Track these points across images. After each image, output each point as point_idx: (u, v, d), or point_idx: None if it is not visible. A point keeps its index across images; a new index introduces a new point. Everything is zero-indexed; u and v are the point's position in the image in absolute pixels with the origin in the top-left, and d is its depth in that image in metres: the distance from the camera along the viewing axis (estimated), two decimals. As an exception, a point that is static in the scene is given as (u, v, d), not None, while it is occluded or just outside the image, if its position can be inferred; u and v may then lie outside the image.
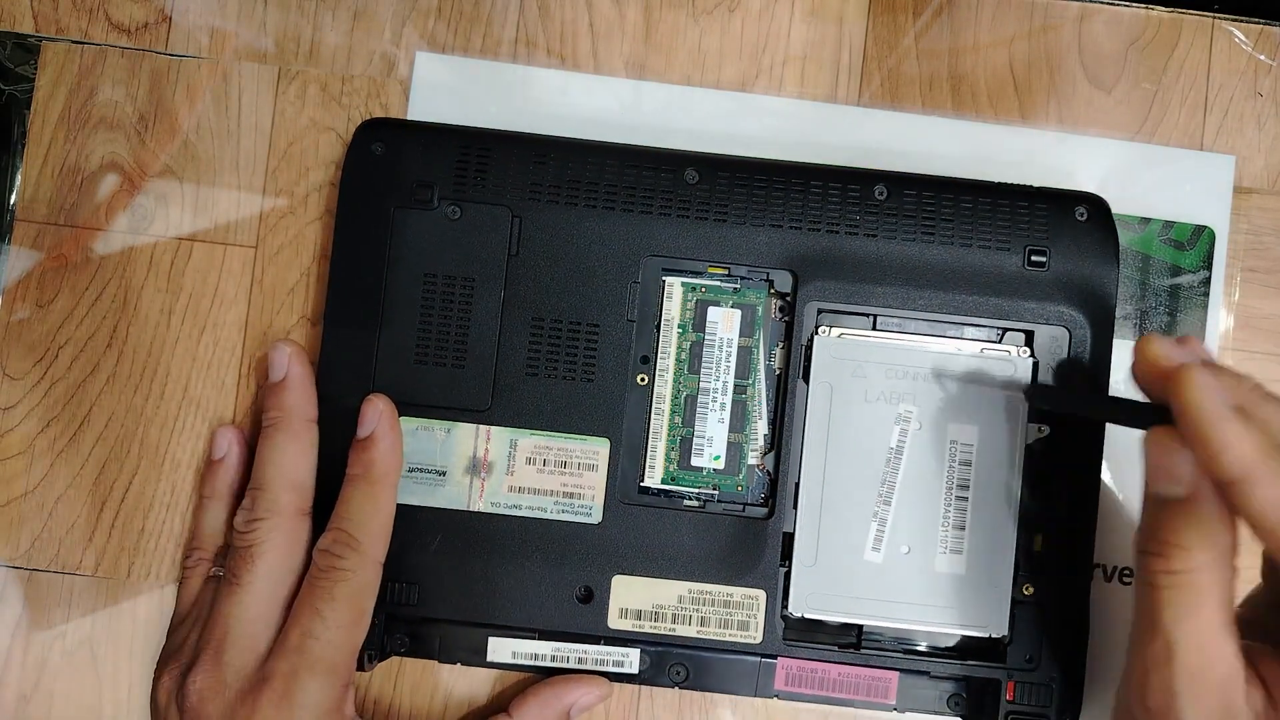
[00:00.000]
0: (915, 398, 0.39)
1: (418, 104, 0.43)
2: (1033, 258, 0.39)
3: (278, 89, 0.43)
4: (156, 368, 0.42)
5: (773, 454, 0.39)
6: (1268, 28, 0.43)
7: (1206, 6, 0.43)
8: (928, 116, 0.43)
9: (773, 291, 0.40)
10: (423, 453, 0.39)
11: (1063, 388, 0.38)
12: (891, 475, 0.39)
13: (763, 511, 0.39)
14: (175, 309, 0.42)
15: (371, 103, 0.43)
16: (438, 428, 0.39)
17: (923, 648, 0.40)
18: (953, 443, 0.39)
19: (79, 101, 0.42)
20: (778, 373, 0.40)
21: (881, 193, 0.39)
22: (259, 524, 0.37)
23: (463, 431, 0.39)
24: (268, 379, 0.39)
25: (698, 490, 0.40)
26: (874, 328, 0.39)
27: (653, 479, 0.40)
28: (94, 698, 0.42)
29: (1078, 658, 0.38)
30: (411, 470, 0.39)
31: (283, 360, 0.39)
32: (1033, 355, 0.39)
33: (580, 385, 0.39)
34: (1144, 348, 0.32)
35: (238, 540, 0.37)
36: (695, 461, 0.40)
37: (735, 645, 0.39)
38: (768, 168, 0.40)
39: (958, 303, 0.39)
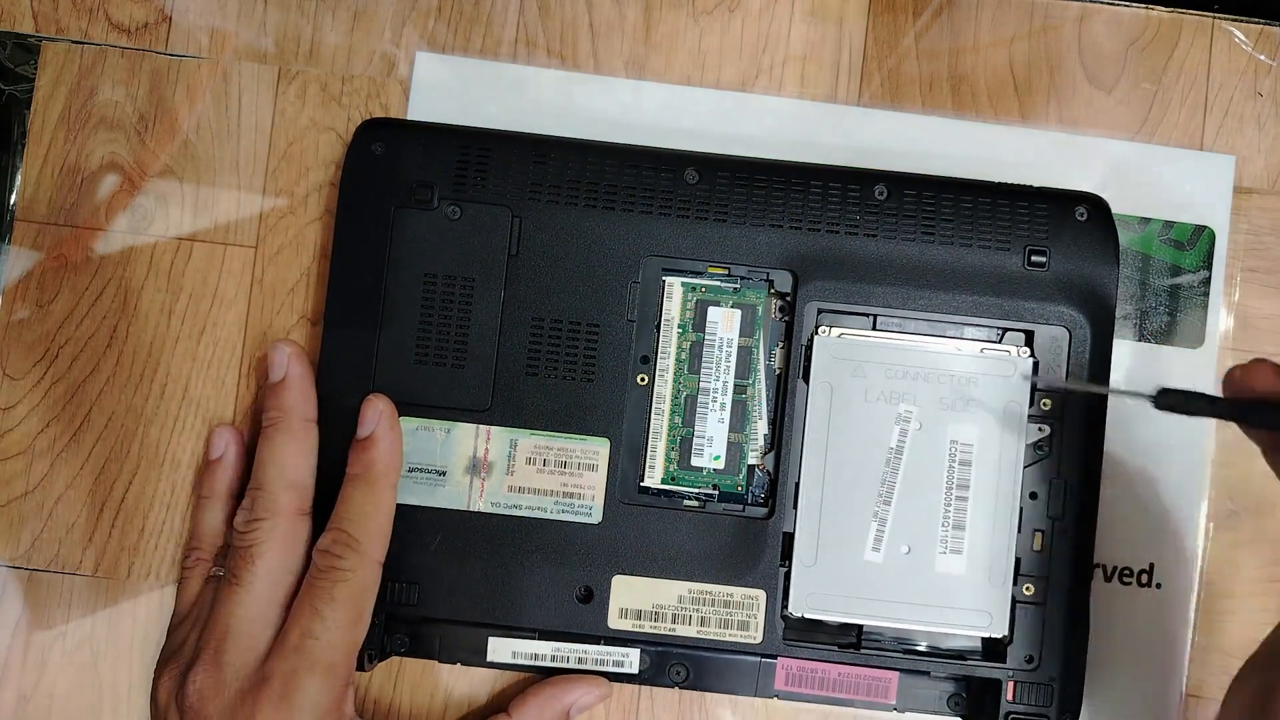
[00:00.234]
0: (915, 398, 0.39)
1: (418, 104, 0.43)
2: (1033, 258, 0.39)
3: (278, 89, 0.43)
4: (156, 368, 0.42)
5: (773, 454, 0.39)
6: (1268, 28, 0.43)
7: (1206, 6, 0.43)
8: (928, 116, 0.43)
9: (773, 291, 0.40)
10: (423, 453, 0.39)
11: (1195, 392, 0.36)
12: (891, 475, 0.39)
13: (763, 511, 0.39)
14: (175, 309, 0.42)
15: (371, 103, 0.43)
16: (438, 428, 0.39)
17: (923, 648, 0.40)
18: (953, 443, 0.39)
19: (79, 101, 0.42)
20: (778, 373, 0.40)
21: (881, 193, 0.39)
22: (259, 524, 0.37)
23: (463, 431, 0.39)
24: (267, 379, 0.39)
25: (698, 490, 0.40)
26: (874, 328, 0.39)
27: (653, 479, 0.40)
28: (94, 698, 0.42)
29: (1078, 658, 0.38)
30: (411, 470, 0.39)
31: (282, 360, 0.39)
32: (1033, 355, 0.39)
33: (580, 385, 0.39)
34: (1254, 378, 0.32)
35: (237, 540, 0.37)
36: (695, 461, 0.40)
37: (735, 645, 0.39)
38: (768, 168, 0.40)
39: (958, 303, 0.39)
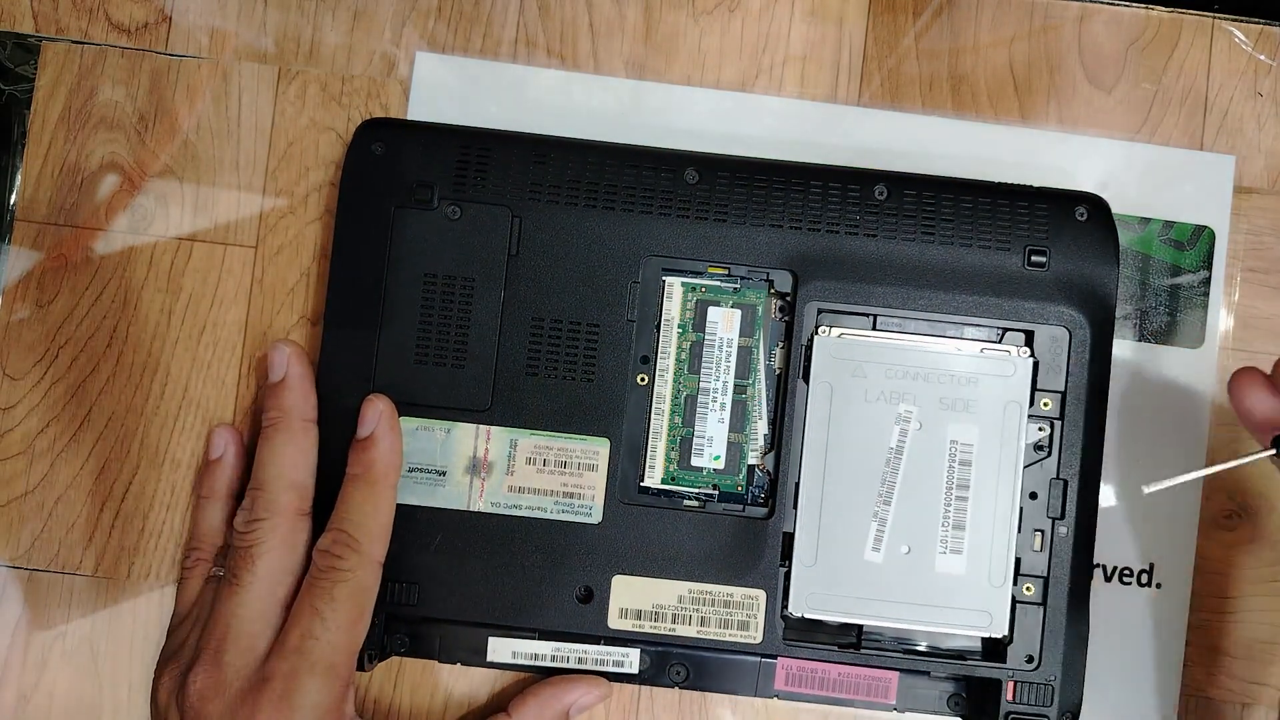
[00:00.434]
0: (915, 397, 0.39)
1: (418, 104, 0.43)
2: (1033, 258, 0.39)
3: (278, 89, 0.43)
4: (156, 368, 0.42)
5: (773, 454, 0.39)
6: (1268, 28, 0.43)
7: (1206, 6, 0.43)
8: (928, 116, 0.43)
9: (773, 291, 0.40)
10: (423, 453, 0.39)
11: None
12: (891, 475, 0.39)
13: (763, 511, 0.39)
14: (175, 309, 0.42)
15: (371, 103, 0.43)
16: (438, 428, 0.39)
17: (923, 648, 0.40)
18: (953, 443, 0.39)
19: (79, 101, 0.42)
20: (778, 373, 0.40)
21: (881, 193, 0.39)
22: (259, 524, 0.37)
23: (463, 431, 0.39)
24: (267, 379, 0.39)
25: (698, 490, 0.40)
26: (874, 328, 0.39)
27: (653, 479, 0.40)
28: (94, 698, 0.42)
29: (1078, 658, 0.38)
30: (411, 470, 0.39)
31: (282, 360, 0.39)
32: (1033, 355, 0.39)
33: (580, 385, 0.39)
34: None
35: (237, 540, 0.37)
36: (695, 461, 0.40)
37: (735, 645, 0.39)
38: (768, 168, 0.40)
39: (958, 303, 0.39)
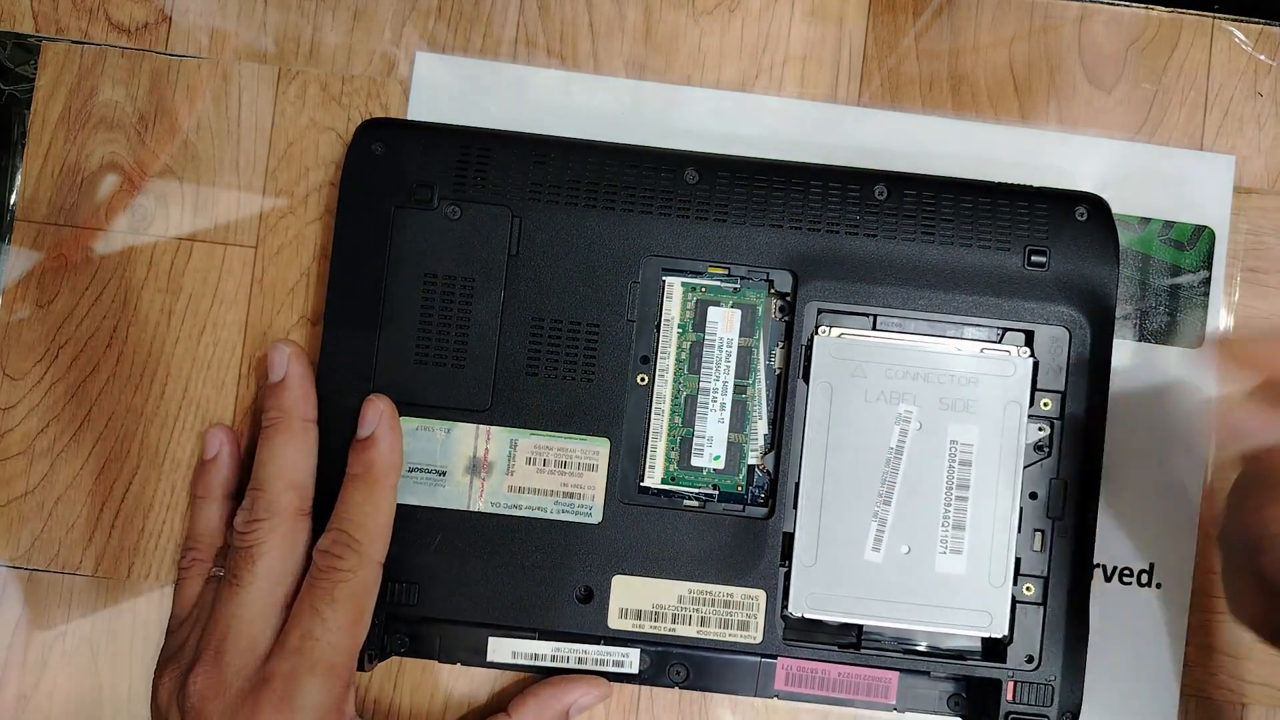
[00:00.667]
0: (915, 397, 0.39)
1: (418, 104, 0.43)
2: (1033, 258, 0.39)
3: (278, 89, 0.43)
4: (156, 368, 0.42)
5: (773, 454, 0.39)
6: (1268, 28, 0.43)
7: (1206, 6, 0.43)
8: (928, 116, 0.43)
9: (773, 291, 0.40)
10: (423, 453, 0.39)
11: None
12: (891, 475, 0.39)
13: (763, 511, 0.39)
14: (175, 309, 0.42)
15: (371, 103, 0.43)
16: (438, 428, 0.39)
17: (923, 648, 0.40)
18: (952, 443, 0.39)
19: (79, 101, 0.42)
20: (778, 373, 0.40)
21: (881, 193, 0.39)
22: (259, 524, 0.37)
23: (463, 431, 0.39)
24: (267, 379, 0.39)
25: (698, 490, 0.40)
26: (874, 328, 0.39)
27: (653, 479, 0.40)
28: (94, 698, 0.42)
29: (1078, 658, 0.38)
30: (411, 470, 0.39)
31: (282, 360, 0.39)
32: (1033, 355, 0.39)
33: (580, 385, 0.39)
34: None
35: (237, 541, 0.37)
36: (695, 461, 0.40)
37: (735, 645, 0.39)
38: (767, 168, 0.40)
39: (958, 303, 0.39)
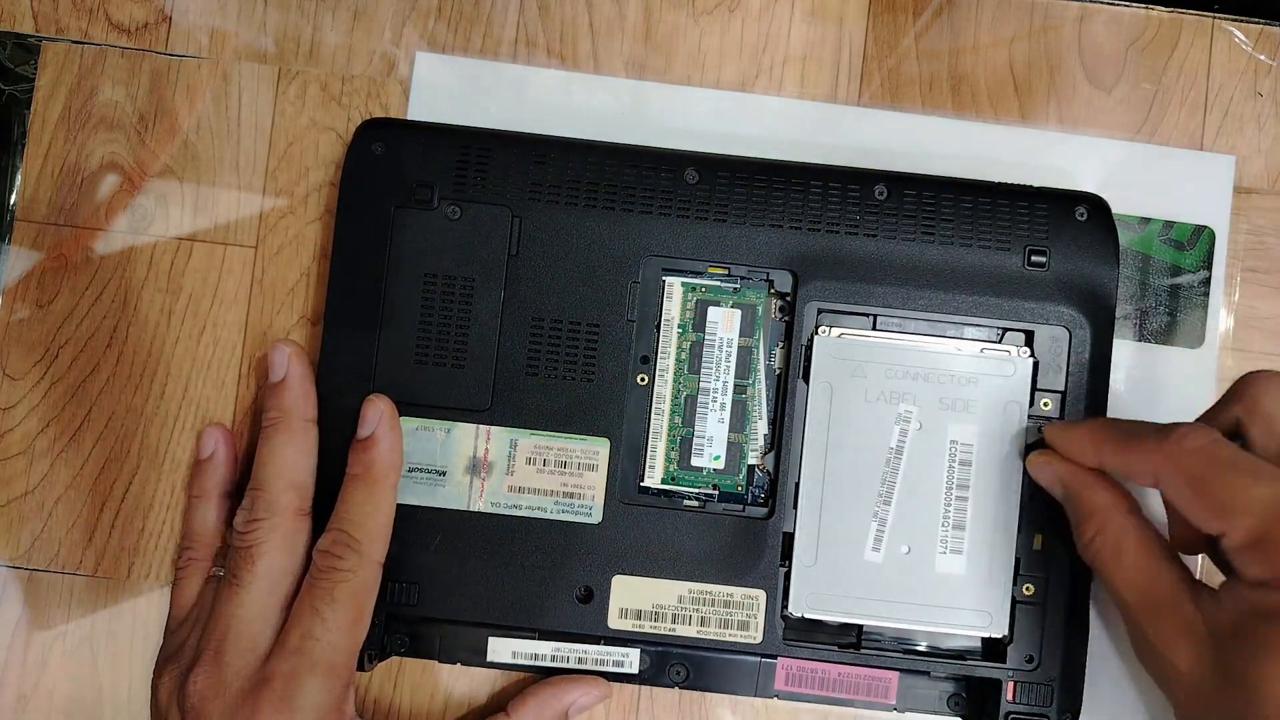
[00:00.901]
0: (915, 397, 0.39)
1: (418, 104, 0.43)
2: (1033, 258, 0.39)
3: (278, 89, 0.43)
4: (156, 368, 0.42)
5: (773, 454, 0.39)
6: (1268, 28, 0.43)
7: (1206, 6, 0.43)
8: (928, 116, 0.43)
9: (773, 291, 0.40)
10: (423, 453, 0.39)
11: None
12: (891, 475, 0.39)
13: (763, 511, 0.39)
14: (175, 309, 0.42)
15: (371, 103, 0.43)
16: (438, 428, 0.39)
17: (923, 648, 0.40)
18: (952, 442, 0.39)
19: (79, 101, 0.42)
20: (778, 372, 0.40)
21: (881, 192, 0.39)
22: (258, 524, 0.37)
23: (463, 431, 0.39)
24: (268, 379, 0.39)
25: (698, 490, 0.40)
26: (874, 327, 0.39)
27: (653, 479, 0.40)
28: (94, 698, 0.42)
29: (1078, 657, 0.38)
30: (411, 470, 0.39)
31: (282, 360, 0.39)
32: (1033, 355, 0.39)
33: (580, 385, 0.39)
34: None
35: (237, 540, 0.37)
36: (695, 461, 0.40)
37: (735, 645, 0.39)
38: (767, 168, 0.40)
39: (958, 302, 0.39)
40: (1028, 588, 0.39)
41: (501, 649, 0.40)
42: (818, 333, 0.39)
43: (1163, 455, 0.33)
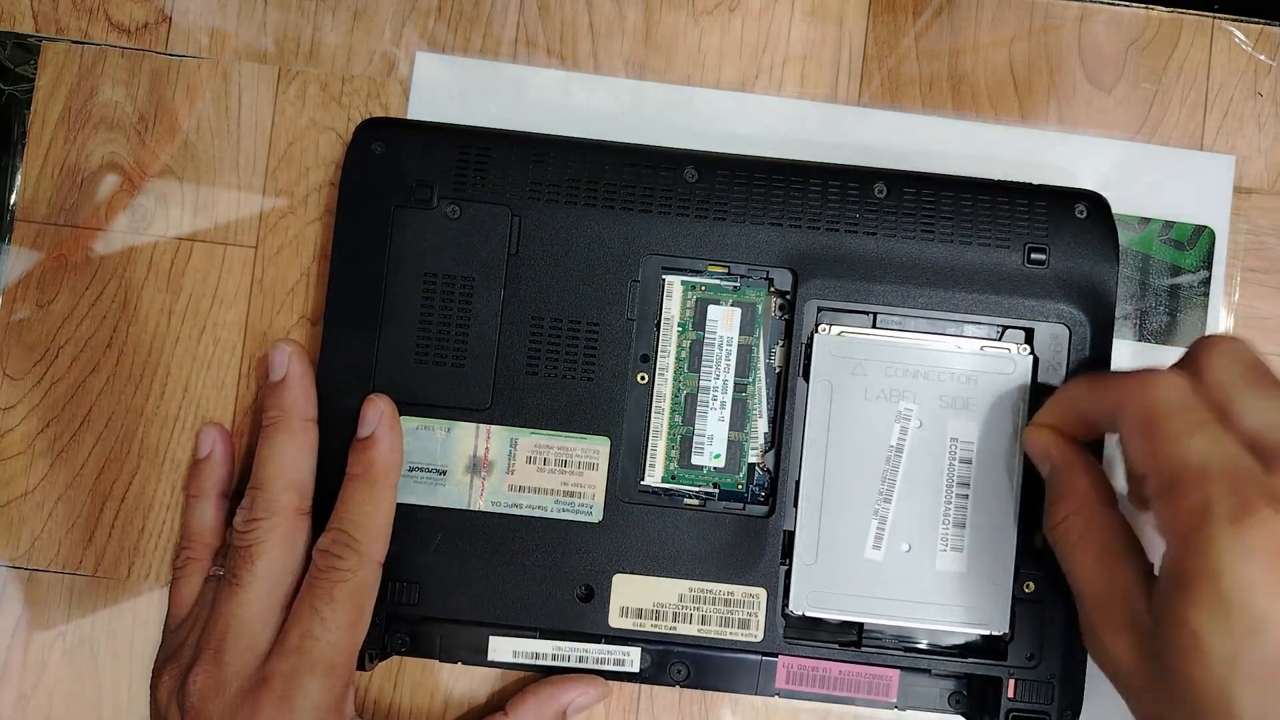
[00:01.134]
0: (915, 395, 0.39)
1: (418, 104, 0.43)
2: (1032, 255, 0.39)
3: (278, 89, 0.43)
4: (156, 368, 0.42)
5: (773, 452, 0.39)
6: (1268, 28, 0.43)
7: (1206, 6, 0.43)
8: (928, 116, 0.43)
9: (773, 290, 0.40)
10: (423, 452, 0.39)
11: None
12: (892, 473, 0.39)
13: (763, 510, 0.39)
14: (175, 309, 0.42)
15: (371, 103, 0.43)
16: (438, 427, 0.39)
17: (923, 646, 0.40)
18: (953, 440, 0.39)
19: (79, 101, 0.43)
20: (778, 371, 0.40)
21: (881, 191, 0.39)
22: (258, 524, 0.37)
23: (463, 431, 0.39)
24: (268, 379, 0.39)
25: (698, 489, 0.40)
26: (874, 326, 0.39)
27: (653, 478, 0.40)
28: (94, 698, 0.42)
29: (1079, 655, 0.38)
30: (411, 470, 0.39)
31: (282, 360, 0.39)
32: (1033, 353, 0.39)
33: (580, 384, 0.39)
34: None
35: (237, 540, 0.37)
36: (696, 460, 0.40)
37: (736, 644, 0.39)
38: (767, 166, 0.40)
39: (957, 300, 0.39)
40: (1028, 585, 0.38)
41: (502, 648, 0.40)
42: (818, 331, 0.39)
43: (1126, 389, 0.33)
